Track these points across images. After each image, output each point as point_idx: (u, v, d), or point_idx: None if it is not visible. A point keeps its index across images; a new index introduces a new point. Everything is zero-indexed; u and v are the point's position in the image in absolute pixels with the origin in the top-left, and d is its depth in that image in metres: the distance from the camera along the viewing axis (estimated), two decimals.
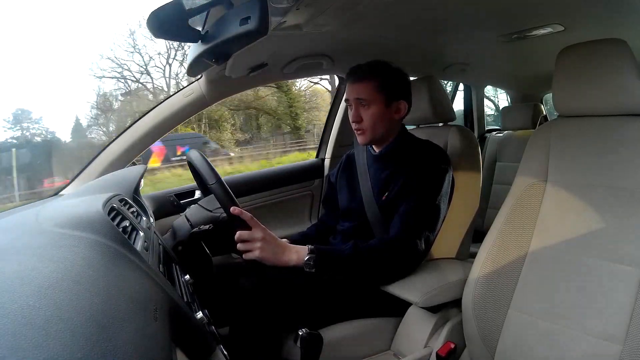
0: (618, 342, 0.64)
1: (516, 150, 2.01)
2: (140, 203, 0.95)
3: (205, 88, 1.21)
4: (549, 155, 0.82)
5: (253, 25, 0.59)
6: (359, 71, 0.96)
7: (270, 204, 1.51)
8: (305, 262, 0.83)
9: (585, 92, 0.77)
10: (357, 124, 0.97)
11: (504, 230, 0.82)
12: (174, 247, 0.96)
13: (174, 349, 0.39)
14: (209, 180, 0.84)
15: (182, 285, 0.65)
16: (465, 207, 1.08)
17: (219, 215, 0.97)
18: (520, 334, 0.76)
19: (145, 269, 0.43)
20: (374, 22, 1.01)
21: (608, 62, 0.74)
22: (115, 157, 1.14)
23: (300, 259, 0.83)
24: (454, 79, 2.21)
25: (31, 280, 0.30)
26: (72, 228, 0.42)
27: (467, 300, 0.83)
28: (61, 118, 5.97)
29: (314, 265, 0.83)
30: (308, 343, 0.72)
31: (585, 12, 1.10)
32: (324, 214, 1.23)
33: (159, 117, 1.18)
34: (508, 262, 0.80)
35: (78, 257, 0.36)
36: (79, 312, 0.27)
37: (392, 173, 0.97)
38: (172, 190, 1.31)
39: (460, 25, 1.14)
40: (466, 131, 1.16)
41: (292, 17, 0.79)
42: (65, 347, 0.24)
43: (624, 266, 0.67)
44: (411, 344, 0.90)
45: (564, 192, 0.78)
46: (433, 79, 1.18)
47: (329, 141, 1.66)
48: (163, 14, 0.62)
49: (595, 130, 0.77)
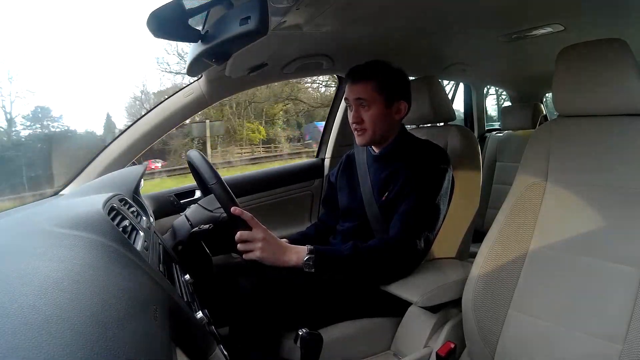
0: (618, 342, 0.64)
1: (516, 150, 2.00)
2: (140, 203, 0.95)
3: (205, 88, 1.21)
4: (549, 155, 0.82)
5: (253, 25, 0.59)
6: (359, 71, 0.96)
7: (270, 204, 1.51)
8: (305, 262, 0.83)
9: (585, 92, 0.77)
10: (357, 124, 0.97)
11: (504, 230, 0.82)
12: (174, 247, 0.96)
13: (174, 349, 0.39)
14: (209, 180, 0.84)
15: (182, 285, 0.65)
16: (465, 207, 1.08)
17: (219, 215, 0.97)
18: (520, 333, 0.76)
19: (145, 269, 0.43)
20: (374, 22, 1.01)
21: (608, 62, 0.74)
22: (115, 157, 1.14)
23: (299, 259, 0.83)
24: (454, 79, 2.21)
25: (31, 280, 0.30)
26: (72, 228, 0.42)
27: (467, 300, 0.83)
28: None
29: (313, 266, 0.83)
30: (308, 343, 0.72)
31: (585, 12, 1.10)
32: (323, 213, 1.23)
33: (159, 117, 1.18)
34: (508, 262, 0.80)
35: (78, 257, 0.36)
36: (79, 312, 0.27)
37: (392, 173, 0.97)
38: (172, 190, 1.31)
39: (460, 25, 1.13)
40: (466, 131, 1.17)
41: (292, 17, 0.79)
42: (65, 346, 0.24)
43: (624, 266, 0.67)
44: (411, 344, 0.90)
45: (564, 192, 0.78)
46: (433, 79, 1.18)
47: (329, 141, 1.66)
48: (163, 14, 0.62)
49: (595, 130, 0.77)
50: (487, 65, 1.82)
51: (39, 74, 5.86)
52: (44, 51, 6.06)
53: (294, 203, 1.58)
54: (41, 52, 5.88)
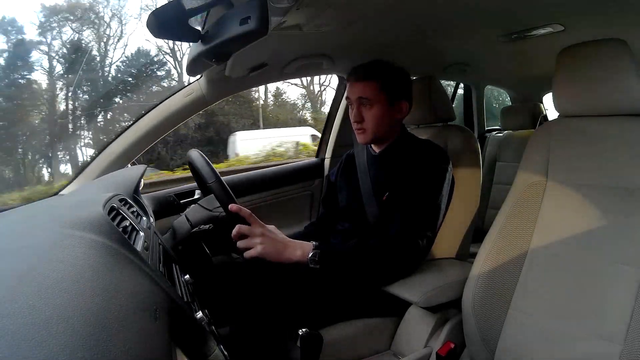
0: (618, 342, 0.64)
1: (516, 150, 2.00)
2: (140, 203, 0.95)
3: (205, 88, 1.21)
4: (549, 155, 0.82)
5: (253, 25, 0.59)
6: (362, 70, 0.96)
7: (270, 203, 1.51)
8: (310, 257, 0.82)
9: (585, 92, 0.77)
10: (358, 123, 0.97)
11: (504, 230, 0.82)
12: (174, 247, 0.96)
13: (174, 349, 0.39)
14: (208, 179, 0.84)
15: (182, 285, 0.65)
16: (465, 207, 1.08)
17: (219, 214, 0.97)
18: (520, 333, 0.76)
19: (146, 269, 0.43)
20: (374, 22, 1.00)
21: (608, 62, 0.74)
22: (115, 157, 1.14)
23: (304, 255, 0.83)
24: (454, 79, 2.21)
25: (31, 280, 0.30)
26: (72, 228, 0.42)
27: (467, 300, 0.83)
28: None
29: (318, 261, 0.82)
30: (308, 343, 0.72)
31: (585, 12, 1.10)
32: (322, 213, 1.23)
33: (159, 117, 1.18)
34: (508, 262, 0.80)
35: (78, 257, 0.36)
36: (79, 312, 0.27)
37: (392, 173, 0.97)
38: (172, 190, 1.31)
39: (460, 25, 1.14)
40: (466, 131, 1.17)
41: (292, 17, 0.79)
42: (66, 347, 0.24)
43: (624, 266, 0.67)
44: (411, 344, 0.90)
45: (564, 192, 0.78)
46: (433, 79, 1.18)
47: (329, 141, 1.66)
48: (163, 14, 0.62)
49: (595, 130, 0.77)
50: (487, 65, 1.82)
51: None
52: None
53: (294, 203, 1.58)
54: None
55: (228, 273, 1.04)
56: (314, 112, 12.25)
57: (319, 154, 1.70)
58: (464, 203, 1.06)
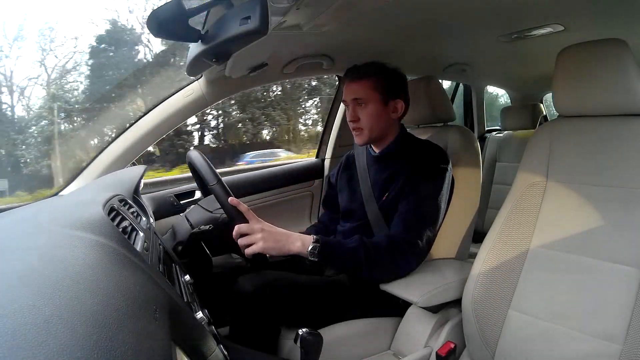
0: (618, 342, 0.64)
1: (516, 150, 2.01)
2: (140, 203, 0.95)
3: (205, 88, 1.21)
4: (549, 155, 0.82)
5: (253, 25, 0.59)
6: (355, 71, 0.97)
7: (270, 204, 1.51)
8: (310, 250, 0.83)
9: (585, 92, 0.77)
10: (354, 123, 0.98)
11: (504, 230, 0.82)
12: (174, 247, 0.96)
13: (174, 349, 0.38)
14: (210, 180, 0.85)
15: (182, 285, 0.65)
16: (465, 207, 1.08)
17: (219, 215, 0.97)
18: (520, 333, 0.76)
19: (145, 269, 0.43)
20: (374, 22, 1.01)
21: (608, 62, 0.74)
22: (115, 157, 1.14)
23: (305, 247, 0.83)
24: (454, 79, 2.21)
25: (31, 280, 0.30)
26: (72, 228, 0.42)
27: (467, 300, 0.83)
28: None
29: (317, 254, 0.83)
30: (308, 343, 0.72)
31: (585, 12, 1.10)
32: (323, 214, 1.23)
33: (159, 117, 1.18)
34: (508, 262, 0.80)
35: (78, 257, 0.36)
36: (79, 312, 0.27)
37: (393, 173, 0.97)
38: (172, 191, 1.31)
39: (460, 25, 1.14)
40: (466, 131, 1.16)
41: (292, 17, 0.79)
42: (65, 347, 0.24)
43: (624, 266, 0.67)
44: (411, 344, 0.90)
45: (564, 192, 0.78)
46: (433, 79, 1.18)
47: (329, 141, 1.66)
48: (163, 14, 0.62)
49: (595, 130, 0.77)
50: (487, 65, 1.83)
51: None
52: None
53: (294, 203, 1.58)
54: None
55: (228, 273, 1.04)
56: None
57: (319, 154, 1.70)
58: (464, 203, 1.06)
